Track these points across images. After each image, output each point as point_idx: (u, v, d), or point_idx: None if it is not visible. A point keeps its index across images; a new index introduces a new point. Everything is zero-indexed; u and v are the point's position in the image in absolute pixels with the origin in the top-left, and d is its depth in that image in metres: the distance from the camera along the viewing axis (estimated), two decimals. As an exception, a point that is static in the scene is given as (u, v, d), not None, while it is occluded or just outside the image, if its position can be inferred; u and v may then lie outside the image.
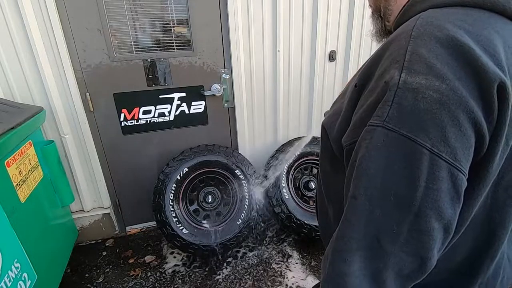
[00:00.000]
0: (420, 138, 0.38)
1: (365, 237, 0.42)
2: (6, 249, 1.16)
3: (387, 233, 0.41)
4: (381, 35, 0.61)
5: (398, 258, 0.41)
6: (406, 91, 0.38)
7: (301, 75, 2.06)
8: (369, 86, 0.45)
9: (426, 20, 0.42)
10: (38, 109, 1.57)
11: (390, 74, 0.40)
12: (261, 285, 1.70)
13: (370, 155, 0.41)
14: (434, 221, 0.39)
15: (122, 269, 1.84)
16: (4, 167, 1.26)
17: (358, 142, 0.43)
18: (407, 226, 0.40)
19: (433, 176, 0.38)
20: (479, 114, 0.38)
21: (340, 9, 1.94)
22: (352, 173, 0.44)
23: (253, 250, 1.95)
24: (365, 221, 0.41)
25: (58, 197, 1.72)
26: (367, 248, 0.42)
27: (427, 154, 0.38)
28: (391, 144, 0.39)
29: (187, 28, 1.78)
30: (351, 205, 0.43)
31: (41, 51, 1.57)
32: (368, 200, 0.41)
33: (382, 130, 0.40)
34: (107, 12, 1.63)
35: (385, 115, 0.39)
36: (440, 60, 0.38)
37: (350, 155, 0.46)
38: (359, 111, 0.46)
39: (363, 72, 0.48)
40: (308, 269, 1.80)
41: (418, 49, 0.39)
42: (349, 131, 0.48)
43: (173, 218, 1.79)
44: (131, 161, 1.98)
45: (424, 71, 0.38)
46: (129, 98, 1.83)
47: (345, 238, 0.43)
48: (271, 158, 2.06)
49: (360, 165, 0.42)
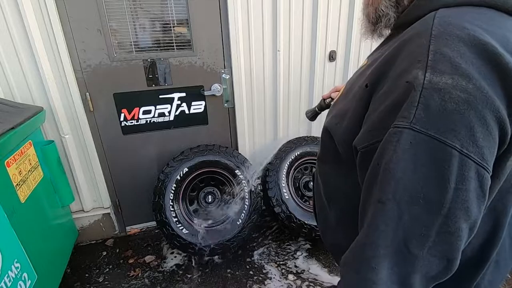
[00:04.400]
0: (449, 139, 0.37)
1: (393, 243, 0.41)
2: (6, 249, 1.16)
3: (416, 237, 0.40)
4: (372, 33, 0.61)
5: (426, 261, 0.41)
6: (433, 91, 0.38)
7: (301, 75, 2.06)
8: (384, 87, 0.44)
9: (444, 19, 0.41)
10: (38, 109, 1.57)
11: (413, 74, 0.39)
12: (261, 285, 1.70)
13: (398, 158, 0.39)
14: (462, 221, 0.39)
15: (122, 269, 1.84)
16: (4, 167, 1.26)
17: (382, 145, 0.42)
18: (436, 229, 0.39)
19: (463, 177, 0.38)
20: (504, 112, 0.37)
21: (340, 9, 1.94)
22: (375, 177, 0.42)
23: (254, 250, 1.95)
24: (394, 226, 0.40)
25: (58, 197, 1.72)
26: (395, 254, 0.41)
27: (457, 155, 0.37)
28: (419, 146, 0.38)
29: (187, 28, 1.78)
30: (379, 210, 0.41)
31: (41, 51, 1.57)
32: (397, 204, 0.40)
33: (410, 132, 0.39)
34: (107, 12, 1.63)
35: (412, 116, 0.38)
36: (464, 59, 0.38)
37: (367, 158, 0.45)
38: (376, 112, 0.45)
39: (375, 72, 0.47)
40: (310, 269, 1.80)
41: (442, 48, 0.39)
42: (365, 133, 0.46)
43: (173, 218, 1.79)
44: (131, 161, 1.98)
45: (450, 70, 0.38)
46: (129, 98, 1.83)
47: (372, 244, 0.42)
48: (271, 158, 2.05)
49: (387, 169, 0.40)
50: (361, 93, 0.49)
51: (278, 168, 1.97)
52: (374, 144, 0.44)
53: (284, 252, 1.94)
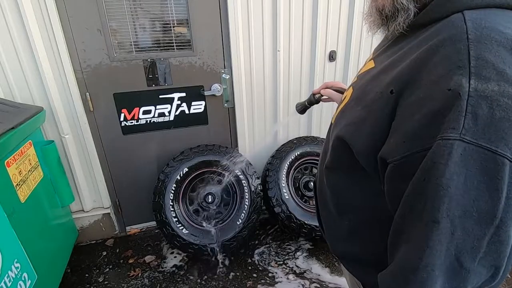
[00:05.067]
0: (500, 148, 0.36)
1: (446, 260, 0.40)
2: (6, 249, 1.16)
3: (468, 251, 0.39)
4: (379, 27, 0.57)
5: (478, 273, 0.40)
6: (480, 99, 0.36)
7: (301, 75, 2.06)
8: (416, 93, 0.42)
9: (478, 23, 0.40)
10: (38, 109, 1.57)
11: (455, 81, 0.38)
12: (261, 285, 1.70)
13: (450, 173, 0.38)
14: (511, 229, 0.39)
15: (122, 269, 1.84)
16: (4, 167, 1.26)
17: (430, 159, 0.39)
18: (487, 239, 0.39)
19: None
20: None
21: (340, 9, 1.94)
22: (421, 193, 0.40)
23: (254, 249, 1.95)
24: (447, 244, 0.39)
25: (58, 197, 1.72)
26: (447, 271, 0.40)
27: (508, 164, 0.36)
28: (471, 158, 0.37)
29: (187, 28, 1.78)
30: (434, 230, 0.39)
31: (41, 51, 1.57)
32: (451, 222, 0.39)
33: (460, 143, 0.37)
34: (107, 12, 1.63)
35: (461, 126, 0.37)
36: (508, 64, 0.37)
37: (401, 171, 0.43)
38: (410, 121, 0.42)
39: (401, 77, 0.45)
40: (312, 269, 1.80)
41: (483, 53, 0.38)
42: (397, 144, 0.43)
43: (173, 218, 1.79)
44: (131, 161, 1.98)
45: (495, 77, 0.37)
46: (129, 98, 1.83)
47: (427, 267, 0.40)
48: (271, 158, 2.06)
49: (439, 185, 0.38)
50: (384, 100, 0.46)
51: (278, 168, 1.97)
52: (410, 156, 0.42)
53: (284, 252, 1.94)
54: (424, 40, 0.45)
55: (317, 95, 0.93)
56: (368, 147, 0.49)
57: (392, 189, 0.46)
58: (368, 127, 0.48)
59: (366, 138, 0.49)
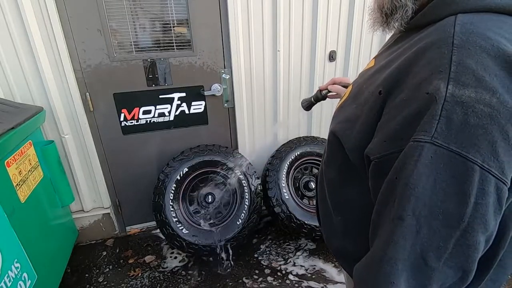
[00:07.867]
0: (471, 154, 0.37)
1: (410, 256, 0.41)
2: (6, 249, 1.16)
3: (433, 250, 0.40)
4: (381, 25, 0.57)
5: (443, 273, 0.41)
6: (455, 105, 0.37)
7: (301, 75, 2.06)
8: (401, 95, 0.43)
9: (466, 27, 0.40)
10: (38, 109, 1.57)
11: (434, 85, 0.38)
12: (260, 285, 1.70)
13: (419, 173, 0.39)
14: (480, 234, 0.39)
15: (122, 269, 1.84)
16: (4, 167, 1.26)
17: (402, 159, 0.41)
18: (453, 242, 0.39)
19: (482, 192, 0.37)
20: None
21: (340, 9, 1.94)
22: (392, 191, 0.42)
23: (255, 249, 1.95)
24: (412, 240, 0.41)
25: (58, 197, 1.72)
26: (412, 267, 0.41)
27: (478, 170, 0.37)
28: (441, 161, 0.38)
29: (187, 28, 1.78)
30: (398, 226, 0.41)
31: (41, 51, 1.57)
32: (416, 220, 0.40)
33: (431, 146, 0.38)
34: (107, 12, 1.63)
35: (433, 130, 0.38)
36: (488, 72, 0.37)
37: (380, 169, 0.44)
38: (392, 122, 0.43)
39: (389, 78, 0.46)
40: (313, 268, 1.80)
41: (465, 59, 0.38)
42: (379, 143, 0.45)
43: (173, 218, 1.79)
44: (131, 161, 1.98)
45: (473, 83, 0.37)
46: (129, 98, 1.83)
47: (391, 261, 0.42)
48: (271, 158, 2.06)
49: (407, 184, 0.40)
50: (373, 100, 0.47)
51: (278, 168, 1.97)
52: (388, 155, 0.43)
53: (285, 251, 1.94)
54: (416, 42, 0.45)
55: (324, 91, 0.92)
56: (357, 145, 0.50)
57: (374, 185, 0.48)
58: (359, 126, 0.50)
59: (357, 136, 0.50)
